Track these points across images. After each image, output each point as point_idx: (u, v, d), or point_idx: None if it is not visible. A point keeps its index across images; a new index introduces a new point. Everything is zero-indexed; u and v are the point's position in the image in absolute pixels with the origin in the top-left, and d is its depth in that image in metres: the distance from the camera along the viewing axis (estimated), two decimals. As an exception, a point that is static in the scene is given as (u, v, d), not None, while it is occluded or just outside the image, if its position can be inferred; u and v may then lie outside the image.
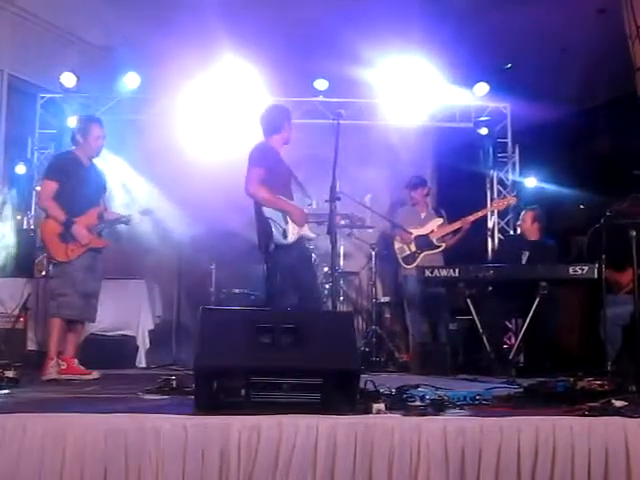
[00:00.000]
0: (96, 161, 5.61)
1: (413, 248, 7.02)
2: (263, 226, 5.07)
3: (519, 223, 7.03)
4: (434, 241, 7.03)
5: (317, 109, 7.95)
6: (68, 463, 2.68)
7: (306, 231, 5.22)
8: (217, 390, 3.00)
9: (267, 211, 5.04)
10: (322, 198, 5.15)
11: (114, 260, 6.65)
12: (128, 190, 7.46)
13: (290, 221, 5.06)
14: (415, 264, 6.92)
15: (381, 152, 8.41)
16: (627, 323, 5.82)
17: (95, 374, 5.15)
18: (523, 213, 6.90)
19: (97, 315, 5.47)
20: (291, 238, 5.06)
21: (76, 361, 5.28)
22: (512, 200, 7.39)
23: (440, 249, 7.03)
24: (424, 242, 7.03)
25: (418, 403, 3.30)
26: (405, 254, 7.06)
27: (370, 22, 7.02)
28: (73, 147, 5.50)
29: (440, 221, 7.15)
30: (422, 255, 6.99)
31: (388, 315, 8.05)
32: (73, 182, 5.28)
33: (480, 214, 7.20)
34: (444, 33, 7.12)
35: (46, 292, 5.51)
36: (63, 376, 5.06)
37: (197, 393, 3.10)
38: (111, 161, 6.98)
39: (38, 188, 6.77)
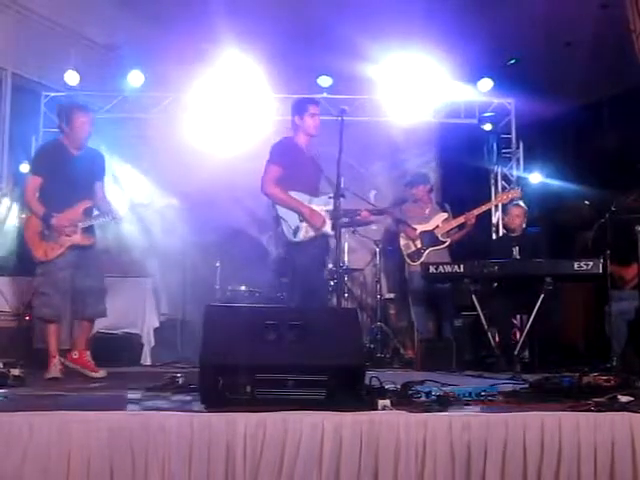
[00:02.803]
0: (93, 145, 5.37)
1: (418, 244, 7.00)
2: (276, 223, 5.14)
3: (510, 219, 6.95)
4: (439, 237, 7.01)
5: (321, 106, 7.91)
6: (74, 461, 2.68)
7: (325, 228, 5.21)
8: (222, 387, 3.00)
9: (280, 209, 5.10)
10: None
11: (119, 258, 6.67)
12: (130, 187, 7.46)
13: (305, 220, 5.07)
14: (420, 260, 6.90)
15: (385, 149, 8.41)
16: (632, 318, 5.83)
17: (102, 372, 5.10)
18: (512, 209, 6.87)
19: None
20: (302, 237, 5.07)
21: (88, 354, 5.18)
22: (516, 193, 7.36)
23: (445, 245, 7.01)
24: (429, 238, 7.01)
25: (424, 399, 3.30)
26: (410, 250, 7.04)
27: (374, 18, 7.00)
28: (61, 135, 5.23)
29: (445, 216, 7.12)
30: (427, 251, 6.97)
31: (393, 311, 8.05)
32: (58, 174, 5.03)
33: (484, 208, 7.18)
34: (448, 29, 7.10)
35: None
36: (71, 365, 5.04)
37: (202, 390, 3.11)
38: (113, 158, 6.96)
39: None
